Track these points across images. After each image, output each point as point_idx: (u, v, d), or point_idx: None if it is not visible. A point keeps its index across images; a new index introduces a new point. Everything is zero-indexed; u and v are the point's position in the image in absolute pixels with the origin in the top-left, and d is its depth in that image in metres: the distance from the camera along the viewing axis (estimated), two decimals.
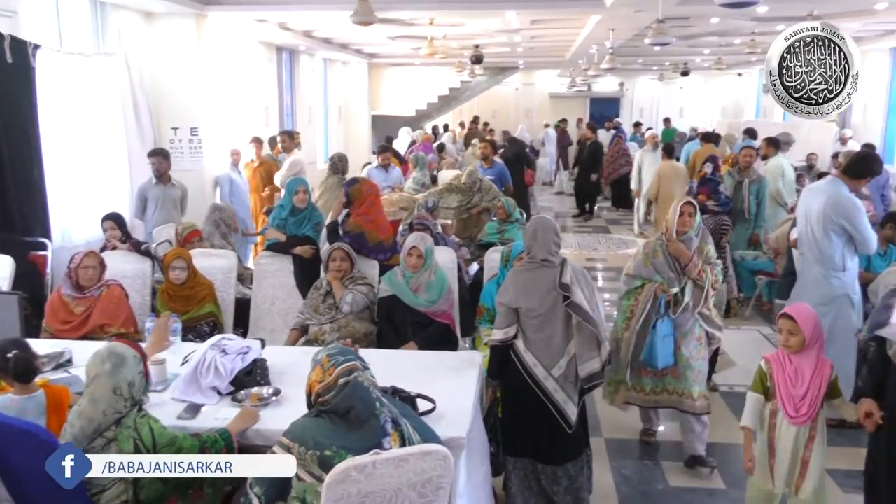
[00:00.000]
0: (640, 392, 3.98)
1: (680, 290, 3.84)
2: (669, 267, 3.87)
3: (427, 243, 4.07)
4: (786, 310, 3.07)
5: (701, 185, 6.41)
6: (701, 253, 3.89)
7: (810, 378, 2.97)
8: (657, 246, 3.93)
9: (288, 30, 10.06)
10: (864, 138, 11.65)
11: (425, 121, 18.36)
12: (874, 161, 4.30)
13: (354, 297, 4.04)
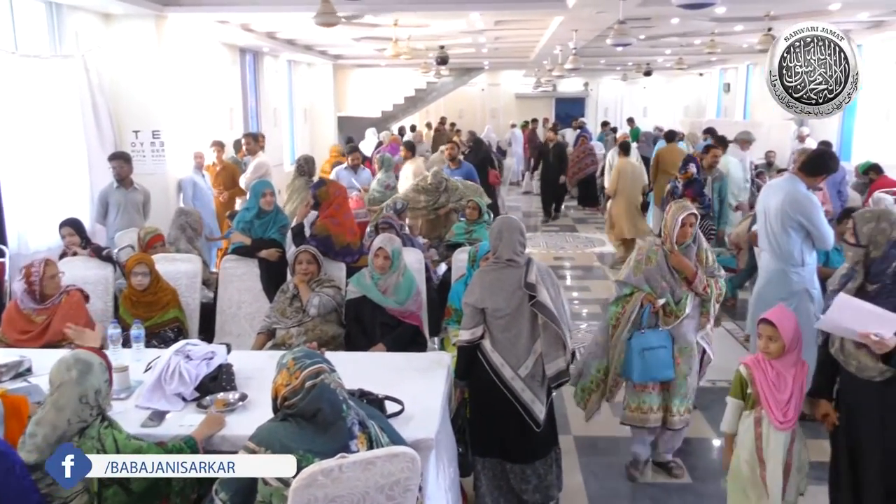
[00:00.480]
0: (638, 411, 3.74)
1: (677, 301, 3.67)
2: (663, 276, 3.70)
3: (394, 244, 4.07)
4: (766, 315, 3.05)
5: (686, 187, 6.41)
6: (702, 263, 3.74)
7: (792, 381, 2.97)
8: (651, 253, 3.75)
9: (251, 31, 9.96)
10: (821, 136, 11.93)
11: (391, 122, 18.33)
12: (830, 159, 4.40)
13: (321, 300, 4.01)
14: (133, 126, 7.65)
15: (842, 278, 2.94)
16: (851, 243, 2.83)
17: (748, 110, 18.54)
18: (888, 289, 2.73)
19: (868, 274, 2.80)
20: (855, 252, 2.81)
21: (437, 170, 7.21)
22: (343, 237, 4.67)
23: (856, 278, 2.83)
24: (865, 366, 2.73)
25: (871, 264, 2.78)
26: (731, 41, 12.40)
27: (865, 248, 2.79)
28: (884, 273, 2.75)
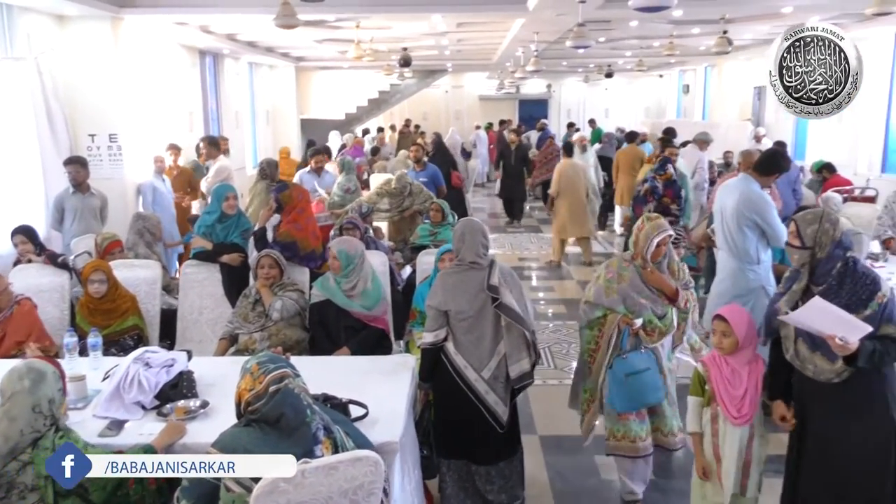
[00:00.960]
0: (625, 440, 3.52)
1: (661, 317, 3.49)
2: (640, 293, 3.48)
3: (342, 245, 4.02)
4: (719, 311, 3.10)
5: (667, 188, 6.49)
6: (675, 276, 3.58)
7: (747, 377, 2.99)
8: (622, 270, 3.53)
9: (210, 33, 9.84)
10: (776, 136, 12.23)
11: (355, 124, 18.26)
12: (782, 158, 4.51)
13: (284, 304, 3.98)
14: (89, 130, 7.50)
15: (786, 281, 2.93)
16: (796, 246, 2.81)
17: (707, 111, 18.91)
18: (833, 289, 2.73)
19: (813, 275, 2.79)
20: (800, 255, 2.79)
21: (401, 173, 7.21)
22: (307, 242, 4.64)
23: (800, 280, 2.82)
24: (822, 369, 2.73)
25: (817, 266, 2.77)
26: (689, 43, 12.63)
27: (811, 249, 2.77)
28: (829, 274, 2.75)
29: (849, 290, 2.69)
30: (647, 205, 6.50)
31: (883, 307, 2.65)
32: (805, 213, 2.88)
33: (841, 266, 2.74)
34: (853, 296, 2.67)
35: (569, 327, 6.50)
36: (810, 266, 2.79)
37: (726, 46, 9.04)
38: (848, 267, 2.73)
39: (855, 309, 2.64)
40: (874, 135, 10.86)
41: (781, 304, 2.85)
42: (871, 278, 2.71)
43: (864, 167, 10.84)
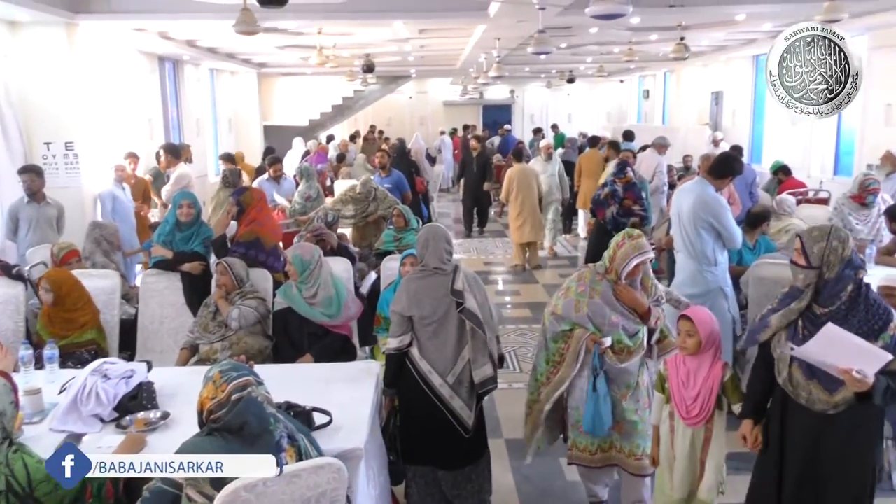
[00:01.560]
0: (583, 451, 3.44)
1: (632, 335, 3.33)
2: (613, 309, 3.33)
3: (296, 251, 4.02)
4: (685, 311, 3.08)
5: (627, 190, 6.56)
6: (647, 292, 3.43)
7: (703, 380, 2.95)
8: (594, 283, 3.38)
9: (169, 39, 9.71)
10: (733, 140, 12.52)
11: (319, 130, 18.18)
12: (735, 161, 4.60)
13: (241, 312, 3.94)
14: (44, 138, 7.35)
15: (785, 297, 2.73)
16: (801, 265, 2.59)
17: (666, 116, 19.26)
18: (842, 314, 2.53)
19: (818, 296, 2.59)
20: (806, 275, 2.58)
21: (366, 178, 7.20)
22: (270, 238, 4.67)
23: (801, 299, 2.61)
24: (817, 398, 2.55)
25: (824, 287, 2.56)
26: (648, 50, 12.86)
27: (818, 269, 2.56)
28: (837, 296, 2.54)
29: (861, 317, 2.50)
30: (608, 208, 6.58)
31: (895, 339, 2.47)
32: (811, 229, 2.66)
33: (853, 290, 2.55)
34: (865, 324, 2.48)
35: (534, 331, 6.55)
36: (816, 287, 2.58)
37: (684, 53, 9.23)
38: (861, 291, 2.55)
39: (865, 339, 2.44)
40: (826, 138, 11.19)
41: (773, 320, 2.68)
42: (884, 307, 2.54)
43: (818, 170, 11.16)
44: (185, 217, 4.67)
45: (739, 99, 14.19)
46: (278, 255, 4.65)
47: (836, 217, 5.85)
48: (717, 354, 3.02)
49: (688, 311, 3.09)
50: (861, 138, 9.86)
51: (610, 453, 3.40)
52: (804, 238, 2.62)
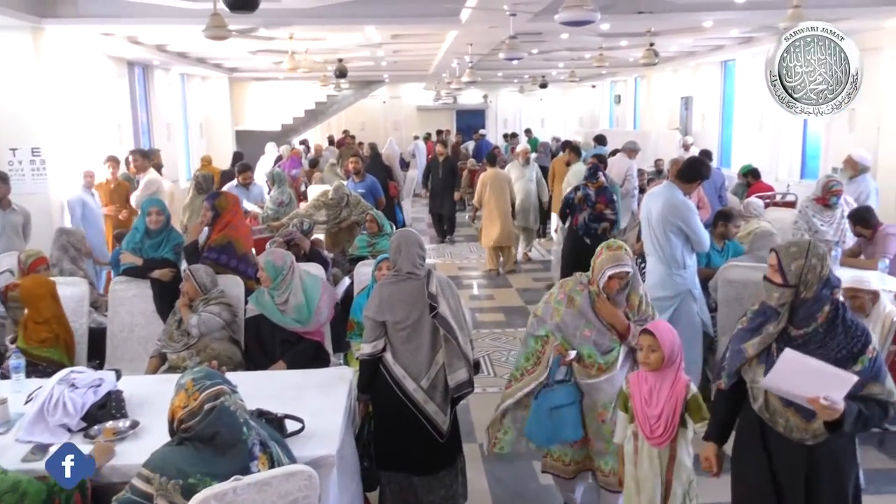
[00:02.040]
0: (556, 460, 3.42)
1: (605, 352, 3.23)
2: (587, 323, 3.23)
3: (269, 257, 4.00)
4: (647, 326, 2.95)
5: (599, 195, 6.61)
6: (633, 309, 3.27)
7: (666, 397, 2.82)
8: (574, 293, 3.29)
9: (138, 44, 9.61)
10: (703, 144, 12.72)
11: (292, 135, 18.10)
12: (702, 166, 4.68)
13: (201, 319, 3.90)
14: (10, 143, 7.23)
15: (755, 315, 2.55)
16: (777, 283, 2.42)
17: (638, 120, 19.48)
18: (819, 336, 2.38)
19: (794, 317, 2.42)
20: (781, 293, 2.41)
21: (339, 184, 7.19)
22: (243, 243, 4.63)
23: (778, 321, 2.44)
24: (795, 426, 2.42)
25: (800, 307, 2.40)
26: (619, 55, 13.01)
27: (794, 287, 2.40)
28: (813, 317, 2.39)
29: (840, 340, 2.35)
30: (581, 212, 6.65)
31: (872, 362, 2.35)
32: (789, 244, 2.50)
33: (830, 310, 2.39)
34: (844, 347, 2.34)
35: (508, 335, 6.58)
36: (791, 306, 2.41)
37: (653, 58, 9.36)
38: (838, 312, 2.40)
39: (844, 363, 2.31)
40: (793, 143, 11.41)
41: (749, 347, 2.50)
42: (862, 328, 2.40)
43: (785, 173, 11.38)
44: (154, 224, 4.62)
45: (708, 104, 14.41)
46: (250, 260, 4.62)
47: (801, 219, 5.97)
48: (680, 370, 2.89)
49: (649, 325, 2.96)
50: (826, 143, 10.07)
51: (585, 463, 3.40)
52: (781, 254, 2.43)
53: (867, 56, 8.74)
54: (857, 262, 5.39)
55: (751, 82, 12.37)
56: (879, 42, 8.24)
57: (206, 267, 4.19)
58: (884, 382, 2.35)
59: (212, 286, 4.10)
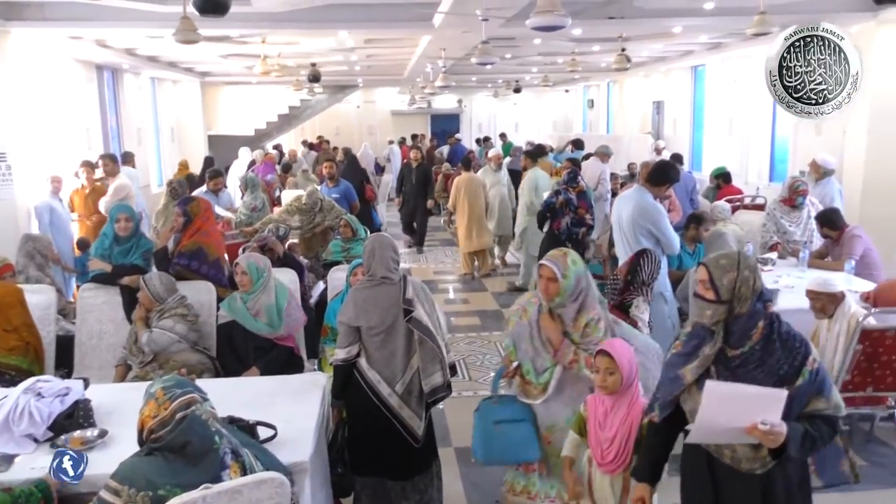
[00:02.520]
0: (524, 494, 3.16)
1: (540, 372, 3.04)
2: (531, 337, 3.08)
3: (250, 259, 3.97)
4: (602, 346, 2.71)
5: (580, 199, 6.69)
6: (577, 329, 3.02)
7: (620, 420, 2.62)
8: (528, 304, 3.16)
9: (107, 47, 9.49)
10: (674, 148, 12.87)
11: (266, 140, 18.00)
12: (671, 169, 4.74)
13: (152, 337, 3.78)
14: None
15: (689, 338, 2.32)
16: (709, 300, 2.21)
17: (611, 124, 19.67)
18: (757, 355, 2.19)
19: (729, 336, 2.22)
20: (715, 310, 2.20)
21: (312, 189, 7.16)
22: (214, 249, 4.57)
23: (714, 341, 2.23)
24: (744, 456, 2.23)
25: (734, 324, 2.20)
26: (591, 60, 13.13)
27: (728, 303, 2.20)
28: (748, 335, 2.20)
29: (780, 356, 2.17)
30: (564, 217, 6.71)
31: (814, 374, 2.16)
32: (717, 257, 2.28)
33: (765, 326, 2.21)
34: (785, 363, 2.16)
35: (483, 339, 6.59)
36: (725, 324, 2.22)
37: (625, 63, 9.47)
38: (773, 327, 2.21)
39: (787, 380, 2.14)
40: (761, 147, 11.60)
41: (686, 373, 2.27)
42: (800, 339, 2.23)
43: (754, 177, 11.56)
44: (123, 231, 4.55)
45: (680, 108, 14.60)
46: (221, 267, 4.57)
47: (769, 221, 6.09)
48: (638, 391, 2.70)
49: (605, 345, 2.71)
50: (794, 146, 10.25)
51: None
52: (711, 267, 2.23)
53: None
54: (825, 263, 5.50)
55: (720, 87, 12.56)
56: None
57: (164, 274, 4.09)
58: (829, 396, 2.19)
59: (168, 294, 3.96)
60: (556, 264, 2.99)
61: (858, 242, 5.36)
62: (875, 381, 3.77)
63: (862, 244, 5.35)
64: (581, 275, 3.02)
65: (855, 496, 3.73)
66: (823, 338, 3.91)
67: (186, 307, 3.98)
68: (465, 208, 8.69)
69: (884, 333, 3.69)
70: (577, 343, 3.00)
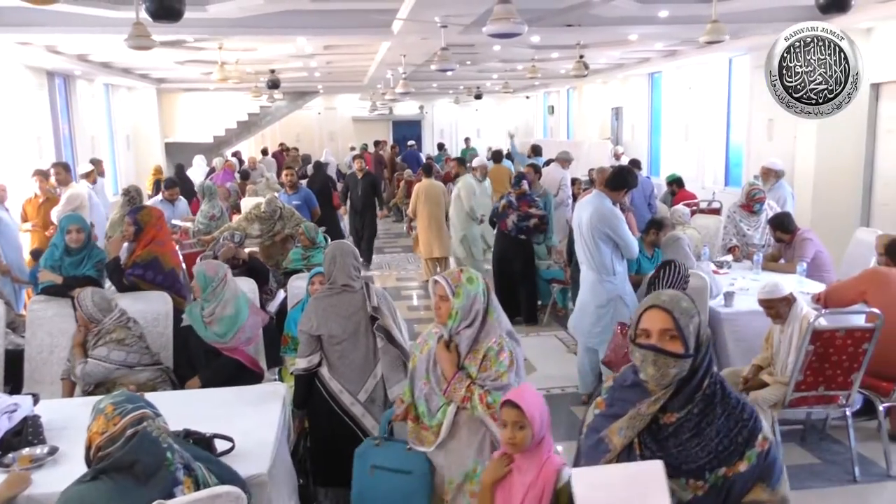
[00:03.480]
0: None
1: (433, 412, 2.63)
2: (428, 371, 2.68)
3: (201, 267, 3.90)
4: (508, 396, 2.28)
5: (521, 200, 6.87)
6: (474, 360, 2.60)
7: (530, 482, 2.19)
8: (429, 335, 2.78)
9: (58, 53, 9.28)
10: (633, 154, 13.08)
11: (225, 147, 17.78)
12: (629, 175, 4.81)
13: (85, 370, 3.56)
14: None
15: (613, 391, 1.90)
16: (678, 354, 1.75)
17: (571, 130, 19.89)
18: (693, 423, 1.76)
19: (674, 396, 1.77)
20: (682, 367, 1.75)
21: (271, 197, 7.08)
22: (169, 259, 4.48)
23: (654, 401, 1.78)
24: None
25: (687, 381, 1.77)
26: (550, 67, 13.27)
27: (693, 357, 1.76)
28: (692, 397, 1.76)
29: (721, 426, 1.74)
30: (508, 217, 6.83)
31: (762, 458, 1.74)
32: (676, 298, 1.81)
33: (710, 384, 1.77)
34: (726, 437, 1.73)
35: None
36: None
37: (583, 70, 9.58)
38: (716, 387, 1.78)
39: (728, 460, 1.72)
40: (717, 152, 11.85)
41: (612, 436, 1.84)
42: (749, 411, 1.78)
43: (710, 181, 11.80)
44: (74, 243, 4.42)
45: (637, 114, 14.84)
46: (177, 277, 4.48)
47: (729, 224, 6.26)
48: (550, 448, 2.27)
49: (512, 395, 2.29)
50: (748, 151, 10.50)
51: None
52: (676, 313, 1.77)
53: None
54: (778, 266, 5.64)
55: (676, 93, 12.81)
56: None
57: (98, 292, 3.85)
58: (775, 487, 1.76)
59: (102, 314, 3.69)
60: (447, 281, 2.63)
61: (809, 245, 5.50)
62: (826, 380, 3.86)
63: (813, 247, 5.50)
64: (476, 295, 2.61)
65: (810, 493, 3.82)
66: (777, 340, 3.99)
67: (126, 328, 3.72)
68: (424, 215, 8.66)
69: (834, 334, 3.78)
70: (473, 378, 2.57)
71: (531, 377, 5.66)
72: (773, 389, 3.89)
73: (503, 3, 4.67)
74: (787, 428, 4.34)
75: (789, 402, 3.88)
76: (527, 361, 5.94)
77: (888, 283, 4.16)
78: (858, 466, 3.95)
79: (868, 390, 4.08)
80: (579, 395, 5.10)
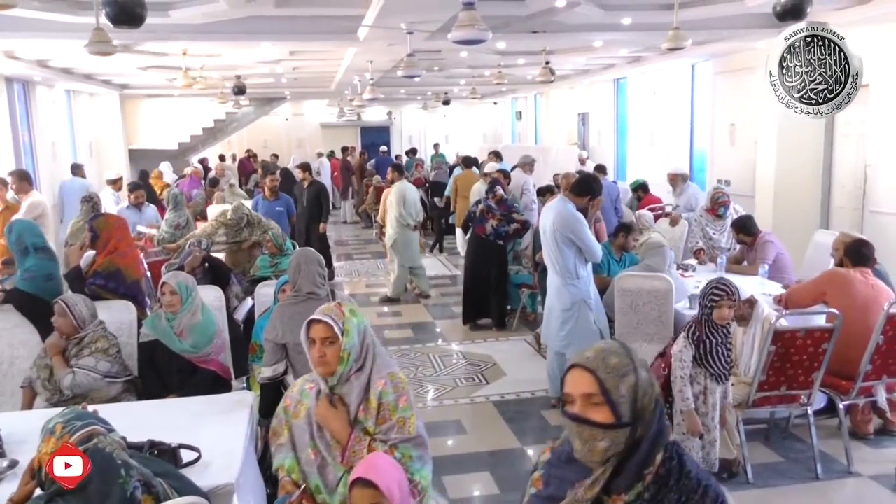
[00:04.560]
0: None
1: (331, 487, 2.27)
2: (312, 436, 2.35)
3: (179, 278, 3.87)
4: (358, 473, 1.95)
5: (500, 205, 6.92)
6: (368, 413, 2.27)
7: None
8: (302, 393, 2.47)
9: (16, 59, 9.07)
10: (599, 159, 13.22)
11: (191, 154, 17.57)
12: (594, 181, 4.88)
13: (75, 381, 3.50)
14: None
15: (550, 468, 1.62)
16: (604, 424, 1.44)
17: (538, 136, 20.03)
18: None
19: (617, 475, 1.47)
20: (613, 440, 1.45)
21: (238, 204, 7.01)
22: (132, 270, 4.40)
23: (594, 480, 1.48)
24: None
25: (631, 456, 1.47)
26: (517, 73, 13.35)
27: (630, 426, 1.46)
28: (641, 476, 1.47)
29: None
30: (487, 222, 6.86)
31: None
32: (601, 353, 1.49)
33: (663, 461, 1.48)
34: None
35: (416, 351, 6.59)
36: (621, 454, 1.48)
37: (550, 76, 9.66)
38: (673, 463, 1.48)
39: None
40: (681, 157, 12.02)
41: None
42: (714, 494, 1.49)
43: None
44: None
45: (603, 120, 15.00)
46: (140, 288, 4.41)
47: (696, 227, 6.39)
48: None
49: (360, 469, 1.96)
50: (711, 157, 10.68)
51: None
52: (599, 372, 1.46)
53: (742, 76, 9.41)
54: (741, 268, 5.75)
55: (641, 99, 12.98)
56: (753, 62, 8.83)
57: (84, 297, 3.83)
58: None
59: (91, 319, 3.70)
60: (330, 318, 2.25)
61: (771, 248, 5.62)
62: (788, 380, 3.94)
63: (774, 249, 5.62)
64: (365, 328, 2.33)
65: (774, 491, 3.89)
66: (740, 341, 4.07)
67: (106, 337, 3.71)
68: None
69: (795, 334, 3.87)
70: (372, 433, 2.25)
71: (502, 382, 5.69)
72: (737, 389, 3.97)
73: (468, 9, 4.70)
74: (751, 427, 4.43)
75: (753, 402, 3.96)
76: (497, 366, 5.98)
77: (847, 285, 4.27)
78: (820, 464, 4.04)
79: (829, 389, 4.18)
80: (549, 399, 5.14)
